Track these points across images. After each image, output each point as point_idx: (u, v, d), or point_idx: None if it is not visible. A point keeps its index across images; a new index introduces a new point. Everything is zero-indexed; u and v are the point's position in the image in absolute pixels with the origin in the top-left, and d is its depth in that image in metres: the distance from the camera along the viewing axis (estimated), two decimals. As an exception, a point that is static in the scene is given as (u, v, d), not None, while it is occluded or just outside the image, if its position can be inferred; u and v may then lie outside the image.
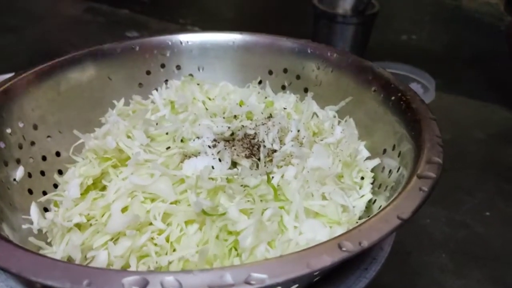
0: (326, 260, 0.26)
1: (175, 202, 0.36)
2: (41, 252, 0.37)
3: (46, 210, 0.42)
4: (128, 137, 0.40)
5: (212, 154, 0.40)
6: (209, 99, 0.50)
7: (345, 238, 0.27)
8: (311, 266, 0.26)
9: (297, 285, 0.31)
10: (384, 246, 0.37)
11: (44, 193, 0.44)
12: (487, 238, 0.64)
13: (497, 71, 1.05)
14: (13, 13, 1.16)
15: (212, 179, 0.38)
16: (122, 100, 0.49)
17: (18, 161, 0.43)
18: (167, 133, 0.42)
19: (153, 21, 1.16)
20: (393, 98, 0.43)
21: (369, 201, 0.41)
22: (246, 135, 0.43)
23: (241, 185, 0.38)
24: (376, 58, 0.90)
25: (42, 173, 0.45)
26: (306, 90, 0.53)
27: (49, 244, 0.38)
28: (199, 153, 0.41)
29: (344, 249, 0.27)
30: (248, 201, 0.36)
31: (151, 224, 0.35)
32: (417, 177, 0.32)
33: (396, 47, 1.14)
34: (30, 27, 1.10)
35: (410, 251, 0.60)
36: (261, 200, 0.36)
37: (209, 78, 0.54)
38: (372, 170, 0.44)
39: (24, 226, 0.39)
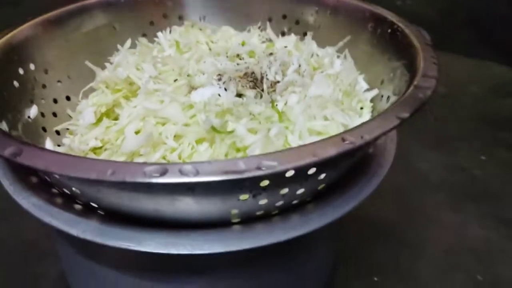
0: (331, 150, 0.28)
1: (186, 125, 0.38)
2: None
3: (59, 146, 0.44)
4: (137, 69, 0.42)
5: (218, 85, 0.42)
6: (212, 42, 0.51)
7: (348, 134, 0.29)
8: (317, 155, 0.28)
9: (303, 190, 0.33)
10: (383, 163, 0.39)
11: (57, 132, 0.46)
12: (483, 180, 0.66)
13: (491, 31, 1.07)
14: None
15: (219, 105, 0.40)
16: (129, 41, 0.51)
17: (32, 101, 0.44)
18: (173, 69, 0.44)
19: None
20: (389, 31, 0.45)
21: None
22: (249, 70, 0.45)
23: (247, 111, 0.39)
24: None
25: (54, 114, 0.47)
26: (305, 35, 0.54)
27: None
28: (205, 85, 0.42)
29: (347, 141, 0.29)
30: (254, 123, 0.38)
31: (163, 144, 0.37)
32: (414, 87, 0.34)
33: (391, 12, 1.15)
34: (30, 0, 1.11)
35: (408, 192, 0.63)
36: (266, 122, 0.38)
37: (210, 26, 0.56)
38: (371, 101, 0.46)
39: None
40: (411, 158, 0.67)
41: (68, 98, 0.49)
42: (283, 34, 0.56)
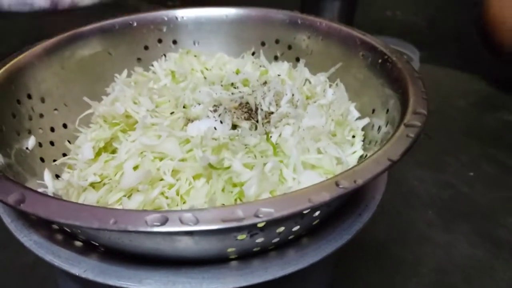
0: (325, 196, 0.29)
1: (182, 160, 0.39)
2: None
3: (57, 176, 0.45)
4: (135, 103, 0.43)
5: (214, 117, 0.43)
6: (207, 69, 0.52)
7: (342, 177, 0.30)
8: (312, 201, 0.29)
9: (298, 227, 0.34)
10: (376, 194, 0.41)
11: (55, 161, 0.46)
12: (472, 197, 0.67)
13: (479, 44, 1.09)
14: None
15: (215, 139, 0.41)
16: (125, 72, 0.51)
17: (29, 132, 0.45)
18: (169, 101, 0.45)
19: (143, 4, 1.18)
20: (380, 60, 0.47)
21: (361, 157, 0.45)
22: (244, 100, 0.46)
23: (242, 144, 0.40)
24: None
25: (52, 143, 0.47)
26: (297, 59, 0.56)
27: (65, 205, 0.41)
28: (201, 117, 0.43)
29: (341, 186, 0.30)
30: (250, 157, 0.39)
31: (161, 180, 0.38)
32: (404, 126, 0.35)
33: (381, 23, 1.17)
34: (17, 13, 1.11)
35: (400, 210, 0.64)
36: (261, 156, 0.39)
37: (205, 52, 0.57)
38: (363, 129, 0.47)
39: (39, 190, 0.41)
40: (401, 175, 0.69)
41: (65, 126, 0.49)
42: (276, 58, 0.57)
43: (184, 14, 0.57)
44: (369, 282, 0.55)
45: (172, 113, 0.43)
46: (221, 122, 0.42)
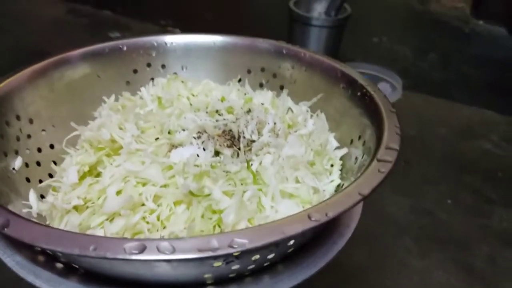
0: (298, 227, 0.31)
1: (164, 186, 0.40)
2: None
3: (42, 196, 0.46)
4: (120, 128, 0.44)
5: (197, 144, 0.44)
6: (193, 95, 0.54)
7: (314, 210, 0.32)
8: (285, 233, 0.30)
9: (274, 254, 0.35)
10: (350, 223, 0.42)
11: (40, 181, 0.47)
12: (449, 224, 0.69)
13: (461, 72, 1.13)
14: None
15: (197, 165, 0.42)
16: (113, 96, 0.53)
17: (16, 152, 0.46)
18: (155, 127, 0.46)
19: (135, 23, 1.20)
20: (358, 93, 0.49)
21: (338, 186, 0.46)
22: (227, 128, 0.47)
23: (224, 171, 0.42)
24: (348, 59, 0.96)
25: (38, 163, 0.48)
26: (282, 88, 0.58)
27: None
28: (184, 144, 0.45)
29: (313, 218, 0.31)
30: (230, 184, 0.41)
31: (143, 205, 0.39)
32: (376, 161, 0.37)
33: (368, 49, 1.20)
34: (12, 28, 1.12)
35: (377, 236, 0.66)
36: (241, 184, 0.41)
37: (192, 77, 0.59)
38: (341, 159, 0.48)
39: (24, 210, 0.42)
40: (379, 201, 0.70)
41: (52, 146, 0.51)
42: (261, 85, 0.59)
43: (173, 40, 0.59)
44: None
45: (157, 138, 0.45)
46: (204, 149, 0.44)
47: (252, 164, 0.43)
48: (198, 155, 0.43)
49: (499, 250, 0.66)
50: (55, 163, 0.50)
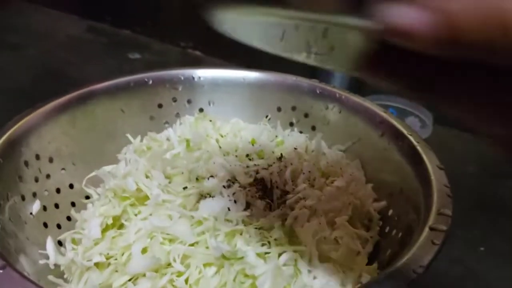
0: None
1: (193, 244, 0.37)
2: (59, 289, 0.37)
3: (59, 243, 0.43)
4: (147, 176, 0.42)
5: (228, 196, 0.41)
6: (221, 136, 0.51)
7: (365, 291, 0.29)
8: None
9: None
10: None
11: (59, 226, 0.45)
12: (480, 274, 0.65)
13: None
14: (14, 31, 1.16)
15: (228, 220, 0.39)
16: (139, 138, 0.50)
17: (34, 195, 0.43)
18: (183, 173, 0.43)
19: (154, 43, 1.18)
20: (400, 143, 0.45)
21: (377, 243, 0.43)
22: (258, 176, 0.44)
23: (256, 227, 0.39)
24: (374, 91, 0.92)
25: (56, 205, 0.46)
26: (313, 128, 0.54)
27: (66, 280, 0.39)
28: (214, 193, 0.42)
29: (365, 303, 0.28)
30: (264, 244, 0.38)
31: (169, 264, 0.36)
32: (429, 229, 0.34)
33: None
34: (31, 45, 1.10)
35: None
36: (276, 244, 0.37)
37: (219, 113, 0.56)
38: (379, 213, 0.45)
39: (41, 262, 0.39)
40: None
41: (71, 186, 0.48)
42: (291, 125, 0.56)
43: (201, 74, 0.56)
44: None
45: (185, 188, 0.42)
46: (235, 201, 0.41)
47: (286, 219, 0.40)
48: (229, 209, 0.40)
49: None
50: (73, 204, 0.47)
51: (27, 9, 1.28)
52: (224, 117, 0.55)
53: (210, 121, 0.52)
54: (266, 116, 0.56)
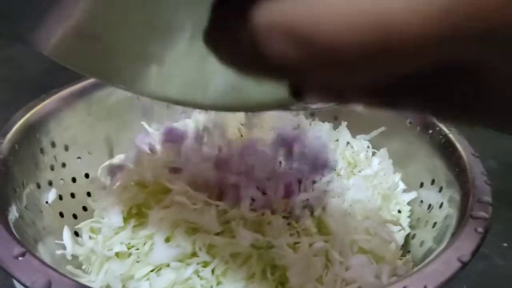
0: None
1: (218, 233, 0.35)
2: (77, 280, 0.36)
3: (76, 234, 0.42)
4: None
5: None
6: (241, 124, 0.49)
7: (410, 283, 0.27)
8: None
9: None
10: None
11: (75, 216, 0.43)
12: (505, 270, 0.63)
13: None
14: (17, 43, 1.15)
15: (254, 209, 0.37)
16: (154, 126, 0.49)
17: (50, 183, 0.42)
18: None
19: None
20: (430, 131, 0.43)
21: (408, 235, 0.41)
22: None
23: (283, 217, 0.37)
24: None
25: (72, 195, 0.44)
26: (336, 118, 0.52)
27: (85, 271, 0.37)
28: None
29: (410, 293, 0.26)
30: (293, 234, 0.36)
31: (194, 254, 0.34)
32: (471, 218, 0.32)
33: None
34: (34, 57, 1.08)
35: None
36: (305, 235, 0.36)
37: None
38: (409, 203, 0.43)
39: (58, 252, 0.37)
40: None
41: (86, 176, 0.46)
42: (312, 114, 0.54)
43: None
44: None
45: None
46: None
47: (314, 210, 0.38)
48: (253, 200, 0.38)
49: None
50: (89, 194, 0.45)
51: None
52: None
53: (230, 111, 0.50)
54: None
